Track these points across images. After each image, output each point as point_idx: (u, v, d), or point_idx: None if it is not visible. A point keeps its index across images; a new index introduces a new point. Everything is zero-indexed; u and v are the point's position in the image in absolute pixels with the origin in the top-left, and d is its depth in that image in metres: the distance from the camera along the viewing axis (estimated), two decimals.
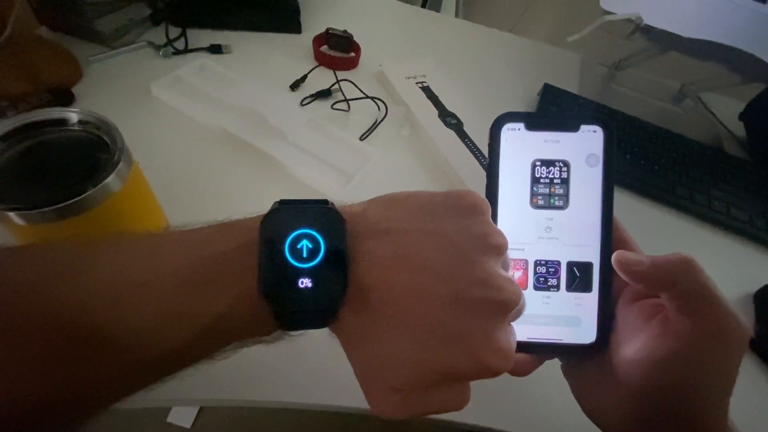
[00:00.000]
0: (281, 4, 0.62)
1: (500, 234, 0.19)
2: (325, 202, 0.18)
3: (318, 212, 0.18)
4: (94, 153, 0.26)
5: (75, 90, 0.45)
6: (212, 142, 0.45)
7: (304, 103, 0.51)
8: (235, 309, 0.16)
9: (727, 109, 0.68)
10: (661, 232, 0.48)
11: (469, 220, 0.18)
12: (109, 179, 0.25)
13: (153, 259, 0.16)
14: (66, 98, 0.43)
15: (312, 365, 0.31)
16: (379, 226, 0.18)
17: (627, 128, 0.56)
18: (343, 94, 0.52)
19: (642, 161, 0.53)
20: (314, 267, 0.16)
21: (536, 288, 0.24)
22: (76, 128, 0.27)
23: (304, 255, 0.17)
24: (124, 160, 0.26)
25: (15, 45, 0.43)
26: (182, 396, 0.29)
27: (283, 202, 0.18)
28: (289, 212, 0.18)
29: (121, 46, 0.51)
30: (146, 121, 0.45)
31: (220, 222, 0.18)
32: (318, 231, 0.17)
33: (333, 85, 0.53)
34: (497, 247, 0.18)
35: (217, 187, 0.41)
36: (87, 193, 0.24)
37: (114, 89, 0.47)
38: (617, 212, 0.24)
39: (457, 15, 0.94)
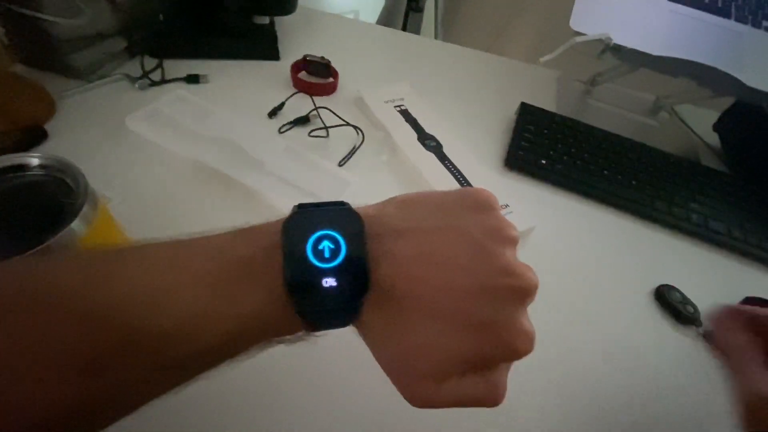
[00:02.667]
0: (259, 31, 0.62)
1: (513, 226, 0.20)
2: (342, 203, 0.19)
3: (337, 213, 0.19)
4: (58, 198, 0.26)
5: (48, 126, 0.45)
6: (188, 174, 0.44)
7: (282, 130, 0.51)
8: (261, 310, 0.17)
9: (702, 119, 0.69)
10: (641, 247, 0.48)
11: (483, 215, 0.19)
12: (73, 224, 0.24)
13: (178, 263, 0.17)
14: (38, 136, 0.43)
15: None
16: (398, 227, 0.19)
17: (604, 144, 0.57)
18: (322, 121, 0.53)
19: (620, 176, 0.54)
20: (337, 267, 0.17)
21: None
22: (38, 173, 0.26)
23: (326, 255, 0.17)
24: (88, 203, 0.26)
25: None
26: None
27: (301, 206, 0.19)
28: (309, 215, 0.18)
29: (98, 80, 0.51)
30: (121, 155, 0.45)
31: (240, 227, 0.19)
32: (338, 231, 0.18)
33: (311, 111, 0.53)
34: (512, 238, 0.19)
35: (194, 221, 0.41)
36: (49, 241, 0.23)
37: (88, 124, 0.47)
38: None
39: (436, 36, 0.96)
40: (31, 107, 0.45)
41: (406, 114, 0.55)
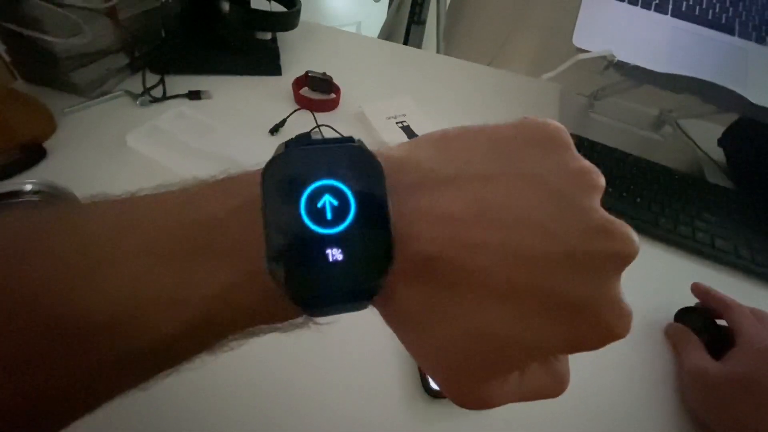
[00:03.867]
0: (261, 47, 0.62)
1: (598, 170, 0.15)
2: (350, 139, 0.14)
3: (342, 154, 0.13)
4: None
5: (48, 144, 0.45)
6: None
7: None
8: (234, 292, 0.13)
9: (707, 134, 0.69)
10: (646, 267, 0.47)
11: (558, 155, 0.14)
12: None
13: (126, 229, 0.13)
14: (37, 154, 0.42)
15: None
16: (440, 173, 0.14)
17: (607, 161, 0.57)
18: (323, 137, 0.52)
19: (624, 194, 0.53)
20: (344, 232, 0.12)
21: None
22: (32, 199, 0.26)
23: (329, 216, 0.12)
24: None
25: None
26: None
27: (292, 144, 0.14)
28: (302, 156, 0.13)
29: (99, 96, 0.51)
30: (121, 173, 0.44)
31: (209, 178, 0.14)
32: (344, 181, 0.13)
33: (313, 129, 0.53)
34: (600, 187, 0.15)
35: None
36: None
37: (88, 141, 0.46)
38: None
39: (438, 50, 0.96)
40: (31, 125, 0.44)
41: (407, 130, 0.55)
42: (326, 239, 0.12)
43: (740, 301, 0.46)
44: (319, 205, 0.12)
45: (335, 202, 0.13)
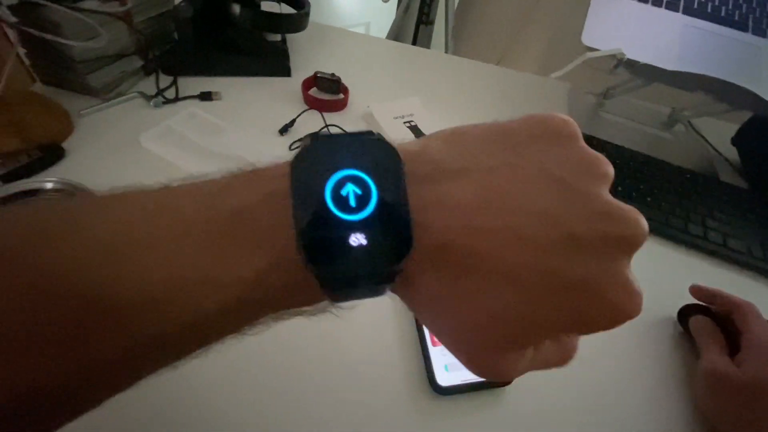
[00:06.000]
0: (270, 48, 0.63)
1: (605, 159, 0.16)
2: (371, 133, 0.15)
3: (364, 146, 0.14)
4: None
5: (66, 144, 0.46)
6: None
7: (293, 147, 0.51)
8: (266, 275, 0.13)
9: (720, 133, 0.68)
10: (656, 267, 0.47)
11: (563, 147, 0.15)
12: None
13: (160, 214, 0.13)
14: (56, 154, 0.44)
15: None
16: (451, 165, 0.15)
17: (618, 160, 0.56)
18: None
19: (634, 193, 0.52)
20: (367, 218, 0.13)
21: None
22: (53, 197, 0.27)
23: (352, 204, 0.13)
24: None
25: (6, 104, 0.44)
26: None
27: (317, 137, 0.15)
28: (327, 149, 0.14)
29: (114, 98, 0.52)
30: (135, 173, 0.45)
31: (241, 169, 0.15)
32: (367, 171, 0.14)
33: (322, 129, 0.53)
34: (607, 176, 0.15)
35: None
36: None
37: (104, 142, 0.48)
38: None
39: (447, 50, 0.96)
40: (50, 126, 0.46)
41: (415, 130, 0.55)
42: (350, 225, 0.13)
43: (756, 303, 0.45)
44: (344, 193, 0.13)
45: (358, 191, 0.13)
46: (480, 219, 0.14)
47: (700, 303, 0.41)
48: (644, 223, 0.15)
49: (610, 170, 0.16)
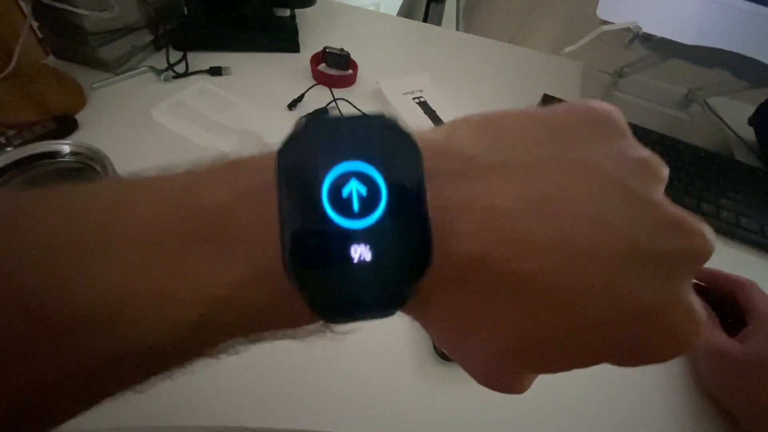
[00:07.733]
0: (280, 24, 0.63)
1: (660, 159, 0.13)
2: (381, 116, 0.12)
3: (373, 132, 0.11)
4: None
5: (79, 116, 0.47)
6: None
7: None
8: (239, 291, 0.11)
9: (737, 113, 0.66)
10: None
11: (615, 141, 0.13)
12: None
13: (116, 214, 0.11)
14: (70, 126, 0.44)
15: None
16: (483, 161, 0.12)
17: None
18: (340, 112, 0.53)
19: None
20: (373, 226, 0.10)
21: None
22: (69, 159, 0.27)
23: (355, 207, 0.10)
24: None
25: (21, 76, 0.45)
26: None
27: (313, 118, 0.11)
28: (326, 135, 0.11)
29: (125, 72, 0.53)
30: (147, 145, 0.46)
31: (220, 158, 0.12)
32: (375, 165, 0.11)
33: (330, 103, 0.53)
34: (664, 179, 0.13)
35: None
36: None
37: (116, 115, 0.48)
38: None
39: (458, 27, 0.95)
40: (64, 98, 0.46)
41: (425, 106, 0.54)
42: (352, 235, 0.10)
43: (766, 282, 0.45)
44: (345, 192, 0.10)
45: (363, 190, 0.11)
46: (523, 227, 0.11)
47: (699, 282, 0.40)
48: (712, 235, 0.12)
49: (666, 172, 0.13)
